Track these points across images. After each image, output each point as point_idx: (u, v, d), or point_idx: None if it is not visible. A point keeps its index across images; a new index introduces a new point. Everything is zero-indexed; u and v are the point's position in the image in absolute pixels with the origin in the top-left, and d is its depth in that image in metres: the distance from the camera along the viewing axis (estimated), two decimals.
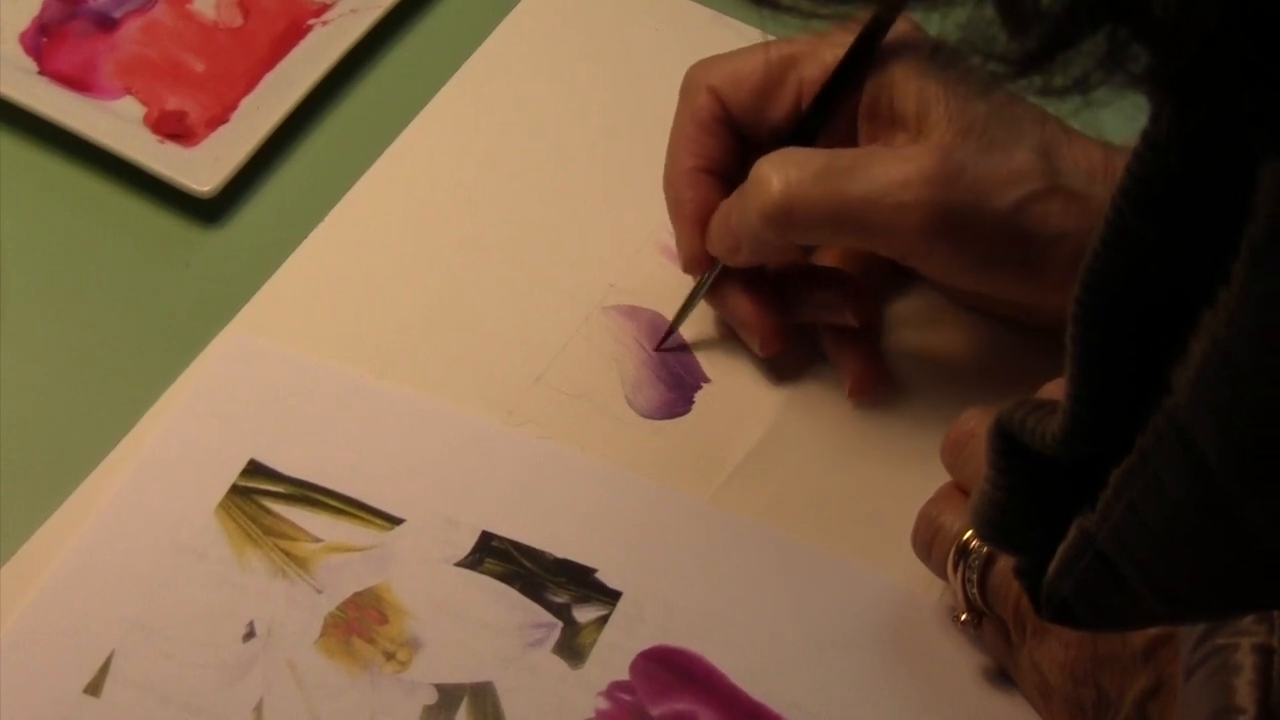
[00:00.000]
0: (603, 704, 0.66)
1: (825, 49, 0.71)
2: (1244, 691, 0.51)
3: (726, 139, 0.72)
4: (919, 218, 0.66)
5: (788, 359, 0.74)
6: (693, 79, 0.73)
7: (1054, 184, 0.67)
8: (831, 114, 0.71)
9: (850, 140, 0.71)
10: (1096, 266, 0.39)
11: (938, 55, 0.35)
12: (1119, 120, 0.69)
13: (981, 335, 0.75)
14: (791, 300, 0.73)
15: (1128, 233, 0.38)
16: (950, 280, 0.71)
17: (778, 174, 0.68)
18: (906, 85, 0.69)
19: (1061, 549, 0.42)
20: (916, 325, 0.75)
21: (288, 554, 0.69)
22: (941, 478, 0.67)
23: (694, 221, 0.72)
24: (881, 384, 0.73)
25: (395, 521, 0.70)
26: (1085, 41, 0.34)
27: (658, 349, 0.74)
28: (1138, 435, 0.39)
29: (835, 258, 0.75)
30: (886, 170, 0.67)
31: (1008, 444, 0.43)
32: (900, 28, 0.70)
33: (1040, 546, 0.43)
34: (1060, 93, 0.34)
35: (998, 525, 0.45)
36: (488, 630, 0.67)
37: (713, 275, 0.72)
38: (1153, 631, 0.60)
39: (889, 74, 0.70)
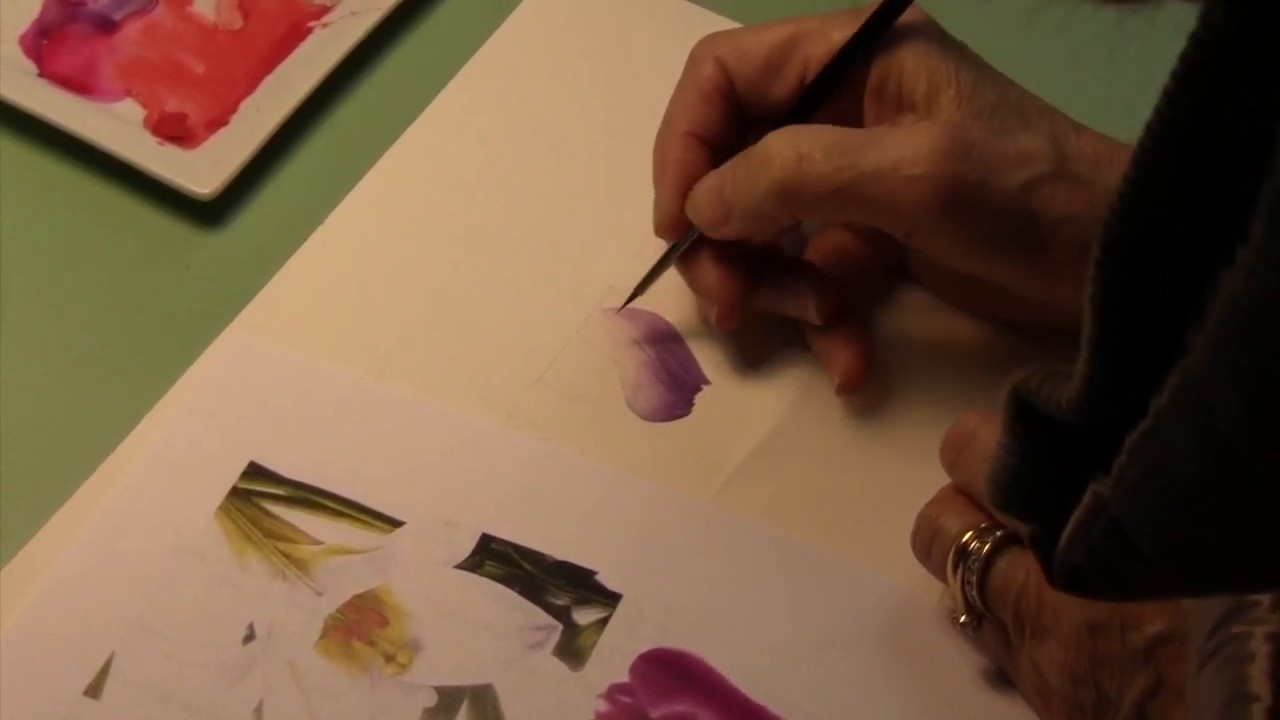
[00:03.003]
0: (603, 706, 0.66)
1: (833, 29, 0.71)
2: (1258, 680, 0.51)
3: (725, 110, 0.72)
4: (928, 191, 0.66)
5: (788, 360, 0.74)
6: (700, 49, 0.73)
7: (1061, 168, 0.67)
8: (833, 92, 0.70)
9: (852, 120, 0.71)
10: (1115, 222, 0.38)
11: None
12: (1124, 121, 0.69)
13: (980, 337, 0.75)
14: (758, 283, 0.72)
15: (1147, 186, 0.38)
16: (953, 262, 0.71)
17: (789, 148, 0.68)
18: (917, 68, 0.69)
19: (1075, 516, 0.42)
20: (915, 327, 0.75)
21: (288, 556, 0.69)
22: (941, 478, 0.67)
23: (676, 185, 0.72)
24: (869, 377, 0.73)
25: (395, 524, 0.70)
26: None
27: (621, 309, 0.74)
28: (1153, 398, 0.39)
29: (830, 249, 0.75)
30: (898, 144, 0.67)
31: (1023, 410, 0.43)
32: (909, 14, 0.70)
33: (1054, 514, 0.43)
34: None
35: (1011, 492, 0.44)
36: (488, 632, 0.67)
37: (687, 242, 0.72)
38: (1152, 631, 0.60)
39: (898, 56, 0.69)
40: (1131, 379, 0.40)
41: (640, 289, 0.74)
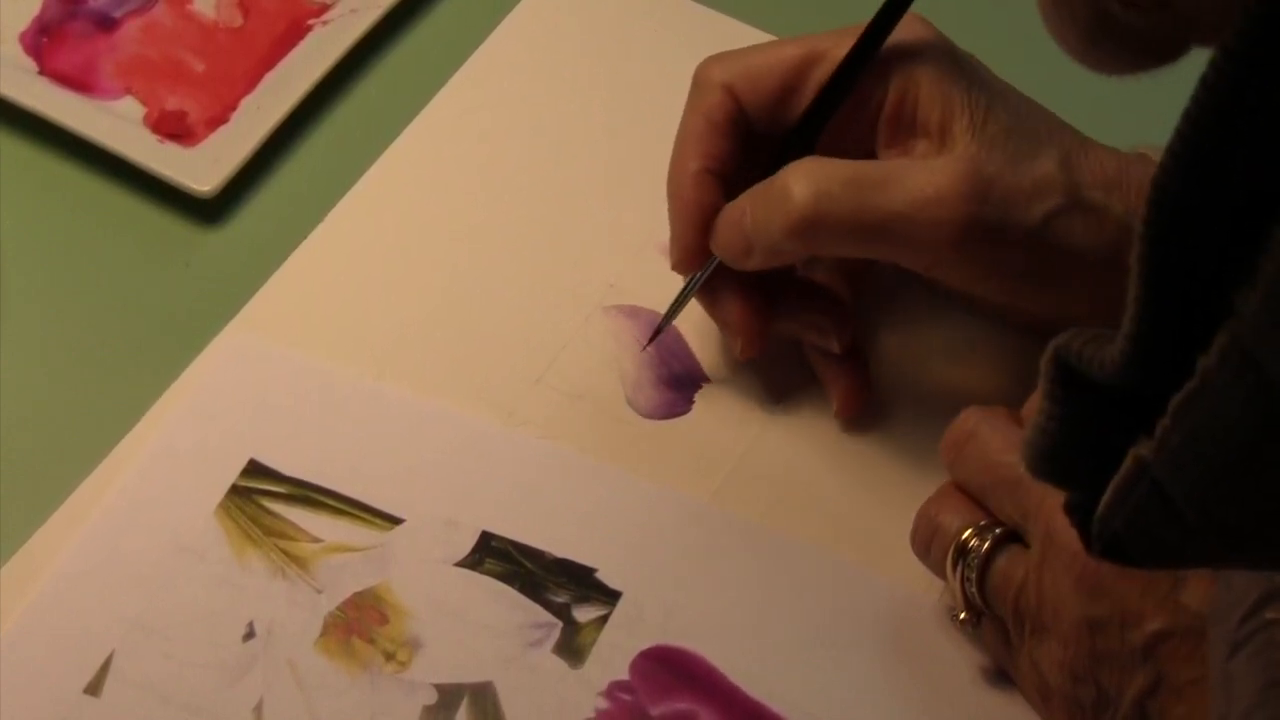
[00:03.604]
0: (603, 704, 0.66)
1: (846, 49, 0.69)
2: None
3: (737, 140, 0.71)
4: (949, 233, 0.66)
5: (787, 359, 0.74)
6: (707, 76, 0.71)
7: (1075, 198, 0.67)
8: (831, 112, 0.70)
9: (862, 140, 0.70)
10: (1165, 179, 0.38)
11: None
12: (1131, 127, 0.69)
13: (982, 336, 0.75)
14: (779, 312, 0.72)
15: (1198, 144, 0.37)
16: (970, 290, 0.71)
17: (806, 185, 0.67)
18: (933, 93, 0.68)
19: (1115, 480, 0.41)
20: (917, 326, 0.75)
21: (287, 554, 0.69)
22: (941, 477, 0.67)
23: (693, 224, 0.70)
24: (868, 405, 0.73)
25: (395, 521, 0.70)
26: None
27: (645, 348, 0.74)
28: (1199, 359, 0.38)
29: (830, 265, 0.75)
30: (919, 184, 0.66)
31: (1064, 373, 0.42)
32: (922, 32, 0.69)
33: (1093, 480, 0.42)
34: None
35: (1049, 457, 0.44)
36: (488, 630, 0.67)
37: (705, 274, 0.72)
38: (1152, 628, 0.60)
39: (914, 80, 0.69)
40: (1177, 339, 0.39)
41: (662, 326, 0.73)
